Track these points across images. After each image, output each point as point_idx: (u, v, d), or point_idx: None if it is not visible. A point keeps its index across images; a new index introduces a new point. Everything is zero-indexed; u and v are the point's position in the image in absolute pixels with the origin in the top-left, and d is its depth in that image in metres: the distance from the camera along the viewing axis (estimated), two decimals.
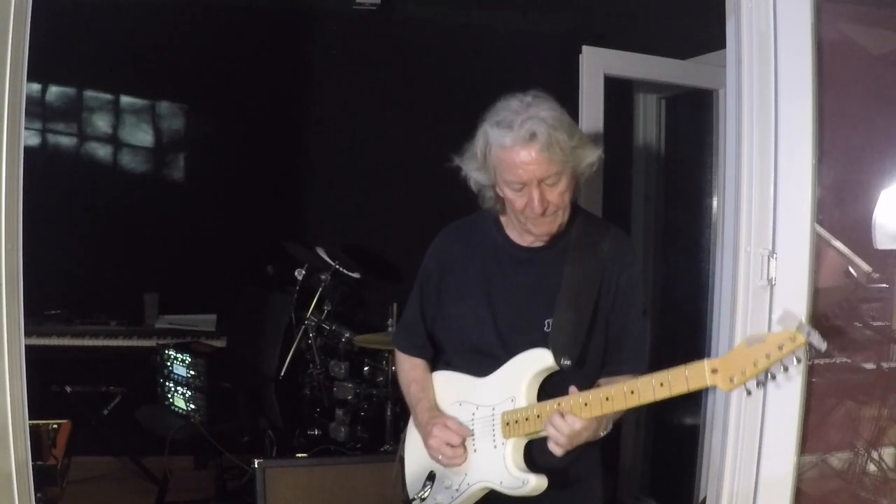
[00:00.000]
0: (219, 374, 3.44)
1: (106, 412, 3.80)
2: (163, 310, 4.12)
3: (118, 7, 3.89)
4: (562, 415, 1.55)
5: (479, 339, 1.75)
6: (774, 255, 1.75)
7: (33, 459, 1.68)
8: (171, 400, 3.58)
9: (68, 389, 3.71)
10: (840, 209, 1.86)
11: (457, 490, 1.74)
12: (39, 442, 2.55)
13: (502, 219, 1.80)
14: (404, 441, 1.94)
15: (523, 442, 1.68)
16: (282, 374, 3.61)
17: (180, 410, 3.53)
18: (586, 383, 1.68)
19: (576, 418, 1.53)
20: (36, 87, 4.06)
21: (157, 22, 3.99)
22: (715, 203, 3.40)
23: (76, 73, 4.11)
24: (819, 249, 1.78)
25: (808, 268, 1.74)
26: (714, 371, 1.42)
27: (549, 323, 1.68)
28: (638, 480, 3.90)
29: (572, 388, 1.59)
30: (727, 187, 1.97)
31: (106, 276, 4.06)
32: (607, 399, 1.52)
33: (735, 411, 1.80)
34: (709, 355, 3.35)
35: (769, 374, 1.39)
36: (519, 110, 1.59)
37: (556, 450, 1.57)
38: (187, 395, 3.49)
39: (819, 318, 1.77)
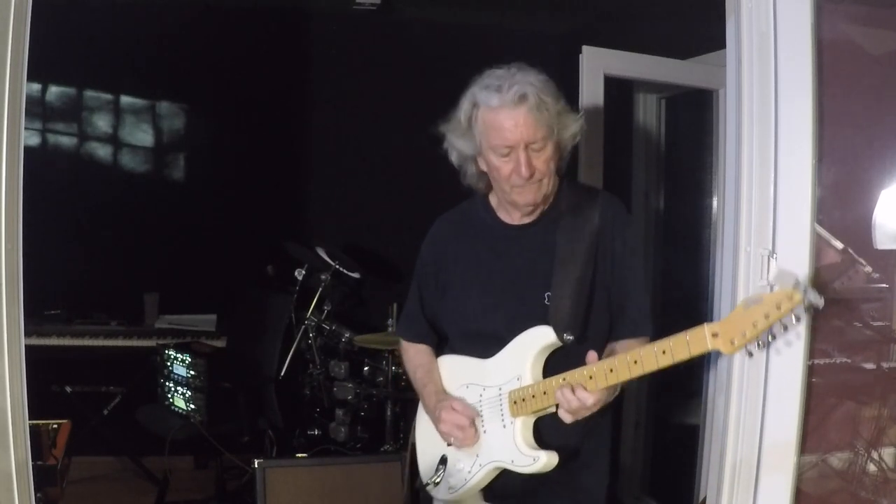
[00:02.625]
0: (219, 374, 3.44)
1: (106, 412, 3.80)
2: (163, 310, 4.12)
3: (118, 7, 3.89)
4: (572, 389, 1.55)
5: (480, 322, 1.76)
6: (774, 255, 1.75)
7: (33, 459, 1.67)
8: (171, 400, 3.58)
9: (68, 389, 3.71)
10: (840, 209, 1.86)
11: (469, 472, 1.74)
12: (39, 442, 2.55)
13: (491, 200, 1.81)
14: (415, 428, 1.95)
15: (532, 420, 1.69)
16: (282, 374, 3.61)
17: (180, 410, 3.53)
18: None
19: (586, 393, 1.53)
20: (36, 87, 4.07)
21: (157, 22, 3.99)
22: (715, 203, 3.40)
23: (76, 73, 4.11)
24: (819, 249, 1.78)
25: (809, 268, 1.73)
26: (715, 335, 1.42)
27: (548, 296, 1.68)
28: (638, 480, 3.90)
29: (590, 355, 1.58)
30: (727, 187, 1.97)
31: (106, 276, 4.06)
32: (611, 371, 1.53)
33: (735, 408, 1.80)
34: (708, 356, 3.36)
35: (770, 335, 1.39)
36: (506, 76, 1.64)
37: (567, 417, 1.57)
38: (187, 395, 3.49)
39: (819, 318, 1.77)
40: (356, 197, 4.35)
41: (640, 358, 1.50)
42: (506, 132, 1.60)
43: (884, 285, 1.90)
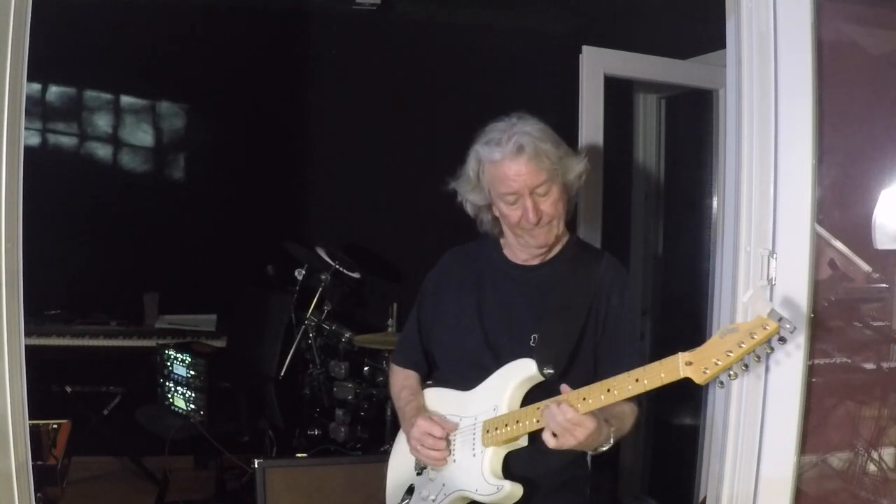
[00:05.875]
0: (219, 374, 3.44)
1: (106, 412, 3.80)
2: (163, 310, 4.12)
3: (118, 7, 3.89)
4: (558, 404, 1.54)
5: (470, 352, 1.79)
6: (774, 255, 1.75)
7: (33, 459, 1.67)
8: (171, 400, 3.58)
9: (68, 389, 3.71)
10: (840, 209, 1.86)
11: (433, 500, 1.76)
12: (39, 442, 2.55)
13: (501, 240, 1.88)
14: (389, 460, 1.96)
15: (503, 451, 1.69)
16: (282, 374, 3.61)
17: (180, 410, 3.53)
18: None
19: (569, 408, 1.51)
20: (36, 87, 4.07)
21: (157, 22, 3.99)
22: (715, 203, 3.40)
23: (76, 73, 4.11)
24: (819, 249, 1.78)
25: (808, 268, 1.74)
26: (688, 364, 1.42)
27: (534, 338, 1.72)
28: (638, 480, 3.90)
29: (563, 387, 1.58)
30: (727, 187, 1.97)
31: (106, 276, 4.06)
32: (584, 399, 1.52)
33: (735, 409, 1.80)
34: None
35: (743, 365, 1.39)
36: (505, 129, 1.71)
37: (551, 440, 1.55)
38: (187, 395, 3.49)
39: (819, 319, 1.77)
40: (356, 197, 4.35)
41: (613, 386, 1.50)
42: (510, 181, 1.69)
43: (884, 285, 1.90)
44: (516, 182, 1.68)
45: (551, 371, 1.66)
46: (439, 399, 1.84)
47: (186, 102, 4.35)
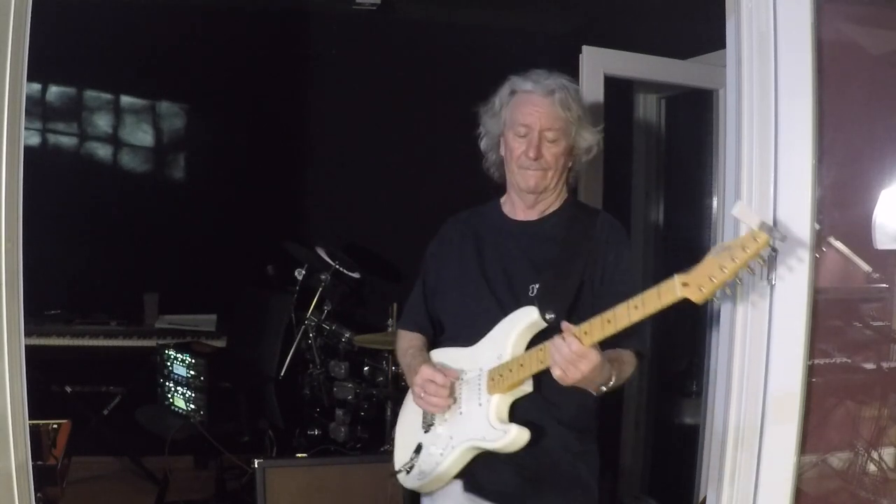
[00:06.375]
0: (219, 374, 3.44)
1: (106, 412, 3.80)
2: (163, 310, 4.12)
3: (118, 7, 3.89)
4: (563, 338, 1.56)
5: (475, 305, 1.82)
6: (774, 255, 1.75)
7: (33, 459, 1.67)
8: (171, 400, 3.58)
9: (68, 389, 3.71)
10: (840, 209, 1.86)
11: (441, 454, 1.77)
12: (39, 442, 2.55)
13: (501, 199, 1.94)
14: (397, 424, 1.99)
15: (509, 398, 1.71)
16: (282, 374, 3.61)
17: (180, 410, 3.53)
18: None
19: (574, 339, 1.53)
20: (36, 87, 4.06)
21: (157, 22, 3.99)
22: (715, 203, 3.40)
23: (76, 73, 4.11)
24: (819, 249, 1.78)
25: (808, 268, 1.73)
26: (685, 284, 1.45)
27: (534, 288, 1.75)
28: (638, 480, 3.90)
29: (564, 324, 1.60)
30: (727, 187, 1.97)
31: (106, 276, 4.06)
32: (585, 333, 1.55)
33: (735, 409, 1.80)
34: (709, 357, 3.37)
35: (738, 279, 1.41)
36: (548, 74, 1.84)
37: (557, 371, 1.56)
38: (187, 395, 3.49)
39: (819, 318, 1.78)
40: (356, 197, 4.35)
41: (613, 316, 1.53)
42: (529, 113, 1.78)
43: (884, 285, 1.90)
44: (533, 115, 1.77)
45: (553, 316, 1.68)
46: (445, 358, 1.85)
47: (186, 102, 4.35)
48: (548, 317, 1.68)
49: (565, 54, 3.86)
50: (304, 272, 3.83)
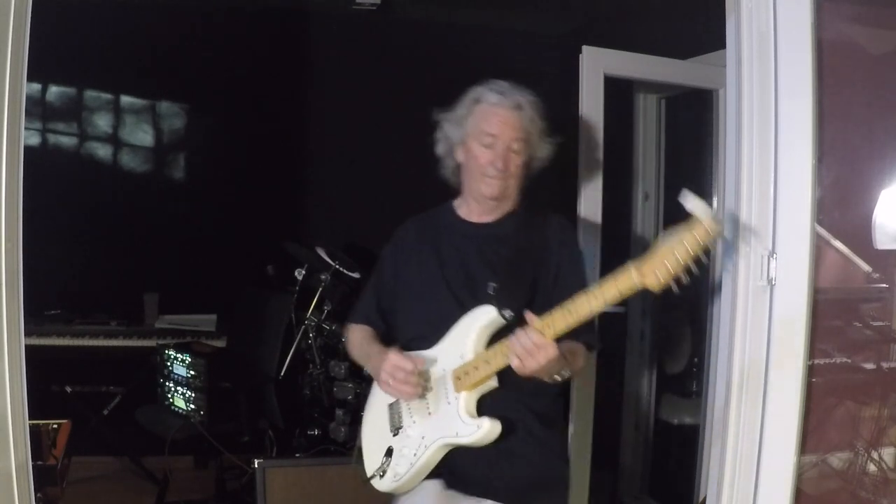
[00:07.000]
0: (219, 374, 3.44)
1: (106, 412, 3.79)
2: (163, 310, 4.11)
3: (118, 7, 3.89)
4: (525, 330, 1.62)
5: (436, 306, 1.87)
6: (774, 255, 1.75)
7: (33, 459, 1.67)
8: (171, 400, 3.58)
9: (68, 389, 3.70)
10: (840, 209, 1.86)
11: (415, 454, 1.81)
12: (39, 442, 2.55)
13: (455, 203, 2.00)
14: (361, 430, 2.02)
15: (476, 394, 1.76)
16: (282, 374, 3.61)
17: (180, 410, 3.53)
18: None
19: (535, 331, 1.60)
20: (36, 87, 4.06)
21: (157, 22, 3.99)
22: (715, 203, 3.40)
23: (76, 73, 4.11)
24: (819, 249, 1.78)
25: (808, 268, 1.74)
26: (640, 272, 1.50)
27: (492, 286, 1.82)
28: (638, 480, 3.90)
29: (528, 314, 1.64)
30: (727, 187, 1.97)
31: (106, 276, 4.05)
32: (548, 325, 1.60)
33: (735, 408, 1.80)
34: (709, 357, 3.36)
35: (692, 264, 1.47)
36: (513, 87, 1.90)
37: (515, 361, 1.62)
38: (187, 395, 3.49)
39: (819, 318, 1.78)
40: (356, 197, 4.35)
41: (573, 307, 1.59)
42: (496, 124, 1.84)
43: (884, 285, 1.90)
44: (501, 127, 1.84)
45: (511, 313, 1.74)
46: None
47: (186, 102, 4.34)
48: (506, 314, 1.74)
49: (565, 54, 3.87)
50: (304, 272, 3.82)
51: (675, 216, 1.53)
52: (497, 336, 1.75)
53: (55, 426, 2.72)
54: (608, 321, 3.18)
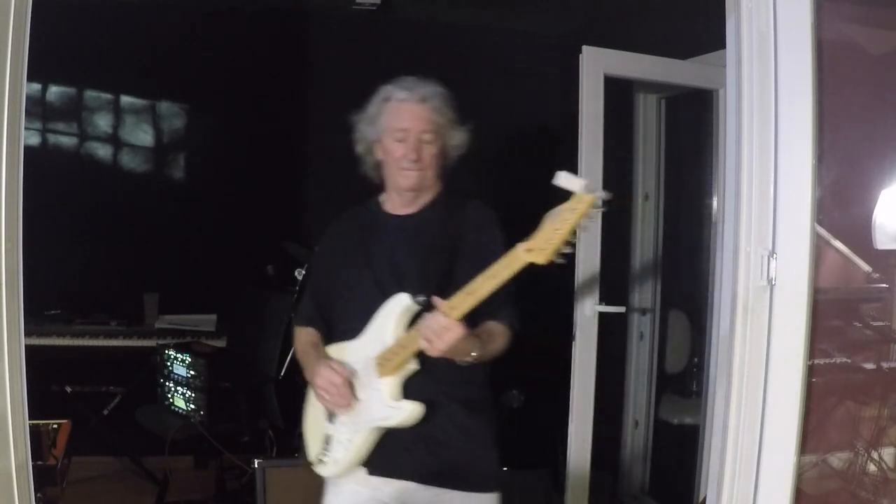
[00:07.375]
0: (219, 374, 3.44)
1: (106, 412, 3.80)
2: (163, 310, 4.12)
3: (118, 7, 3.89)
4: (432, 315, 1.70)
5: (365, 300, 1.92)
6: (774, 255, 1.75)
7: (33, 459, 1.68)
8: (171, 400, 3.58)
9: (68, 389, 3.70)
10: (840, 209, 1.86)
11: (349, 440, 1.89)
12: (39, 442, 2.55)
13: (381, 197, 2.11)
14: (303, 418, 2.07)
15: (398, 379, 1.83)
16: (282, 374, 3.61)
17: (180, 410, 3.53)
18: None
19: (440, 314, 1.68)
20: (36, 87, 4.06)
21: (157, 22, 3.99)
22: (715, 203, 3.40)
23: (76, 73, 4.11)
24: (819, 249, 1.78)
25: (808, 268, 1.73)
26: (528, 250, 1.60)
27: (415, 275, 1.90)
28: (638, 480, 3.90)
29: (435, 299, 1.73)
30: (727, 187, 1.97)
31: (106, 276, 4.05)
32: (452, 308, 1.68)
33: (735, 409, 1.80)
34: (708, 356, 3.36)
35: (574, 236, 1.55)
36: (417, 82, 2.01)
37: (425, 345, 1.70)
38: (187, 395, 3.49)
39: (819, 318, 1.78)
40: (356, 197, 4.33)
41: (472, 289, 1.68)
42: (406, 119, 1.95)
43: (884, 285, 1.90)
44: (410, 122, 1.94)
45: (423, 299, 1.81)
46: (338, 353, 1.97)
47: (186, 102, 4.34)
48: (418, 300, 1.82)
49: (565, 54, 3.87)
50: (304, 272, 3.82)
51: (676, 216, 1.54)
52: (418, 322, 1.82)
53: (55, 426, 2.73)
54: (608, 321, 3.19)
